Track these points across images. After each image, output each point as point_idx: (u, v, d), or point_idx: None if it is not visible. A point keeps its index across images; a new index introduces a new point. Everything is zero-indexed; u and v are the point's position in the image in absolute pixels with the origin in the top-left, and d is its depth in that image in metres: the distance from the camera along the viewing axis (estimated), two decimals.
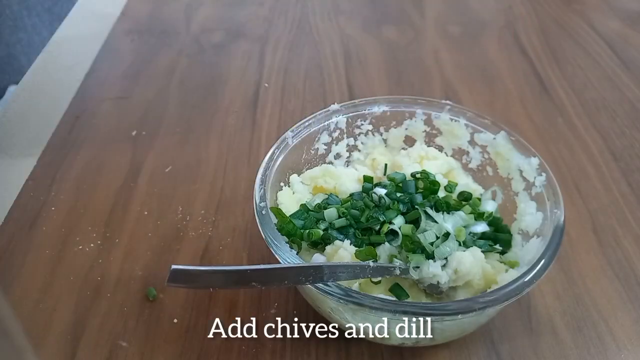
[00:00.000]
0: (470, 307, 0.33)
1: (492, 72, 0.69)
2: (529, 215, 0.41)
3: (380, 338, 0.38)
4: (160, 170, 0.54)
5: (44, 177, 0.53)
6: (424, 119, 0.48)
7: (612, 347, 0.40)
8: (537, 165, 0.42)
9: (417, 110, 0.48)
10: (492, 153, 0.46)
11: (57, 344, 0.39)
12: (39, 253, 0.46)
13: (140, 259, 0.45)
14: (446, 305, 0.33)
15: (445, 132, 0.48)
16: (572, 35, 0.76)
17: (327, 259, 0.38)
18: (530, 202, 0.42)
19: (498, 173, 0.45)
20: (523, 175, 0.43)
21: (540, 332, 0.41)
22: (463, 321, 0.36)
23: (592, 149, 0.57)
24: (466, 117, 0.46)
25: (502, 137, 0.44)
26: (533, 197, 0.42)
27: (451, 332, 0.38)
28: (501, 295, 0.33)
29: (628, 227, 0.49)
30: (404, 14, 0.81)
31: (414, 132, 0.48)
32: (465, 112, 0.46)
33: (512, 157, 0.44)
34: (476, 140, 0.46)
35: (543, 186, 0.41)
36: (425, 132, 0.48)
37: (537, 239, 0.39)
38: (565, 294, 0.43)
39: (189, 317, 0.41)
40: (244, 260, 0.45)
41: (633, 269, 0.45)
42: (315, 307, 0.40)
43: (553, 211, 0.39)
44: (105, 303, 0.42)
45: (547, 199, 0.40)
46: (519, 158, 0.43)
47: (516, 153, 0.43)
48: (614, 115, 0.62)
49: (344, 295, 0.33)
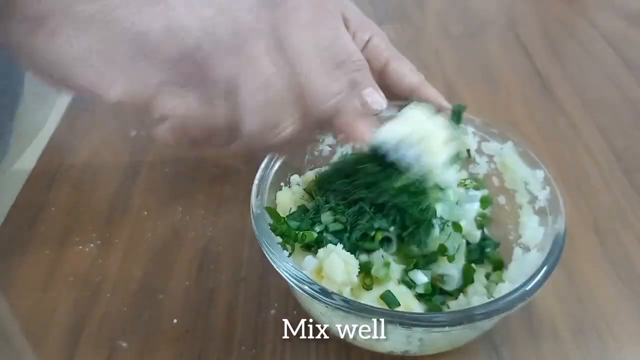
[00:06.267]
0: (459, 319, 0.32)
1: (493, 71, 0.68)
2: (531, 229, 0.40)
3: (368, 345, 0.37)
4: (160, 170, 0.54)
5: (44, 177, 0.53)
6: None
7: (613, 347, 0.40)
8: (542, 178, 0.41)
9: None
10: (499, 163, 0.44)
11: (56, 344, 0.39)
12: (38, 253, 0.46)
13: (140, 259, 0.45)
14: (435, 316, 0.33)
15: (452, 139, 0.46)
16: (574, 34, 0.76)
17: (318, 262, 0.37)
18: (533, 215, 0.41)
19: (504, 184, 0.44)
20: (527, 188, 0.42)
21: (540, 331, 0.41)
22: (452, 334, 0.36)
23: (594, 149, 0.57)
24: (474, 125, 0.45)
25: (509, 148, 0.43)
26: (536, 211, 0.41)
27: (441, 344, 0.37)
28: (490, 310, 0.33)
29: (629, 227, 0.48)
30: (405, 13, 0.81)
31: None
32: (474, 119, 0.45)
33: (518, 169, 0.42)
34: (483, 149, 0.45)
35: (547, 200, 0.40)
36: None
37: (536, 252, 0.38)
38: (566, 294, 0.43)
39: (189, 317, 0.41)
40: (244, 261, 0.45)
41: (634, 269, 0.45)
42: (306, 309, 0.39)
43: (553, 226, 0.37)
44: (105, 303, 0.42)
45: (550, 213, 0.39)
46: (525, 170, 0.42)
47: (522, 165, 0.42)
48: (616, 114, 0.61)
49: (331, 300, 0.33)
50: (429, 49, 0.73)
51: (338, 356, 0.39)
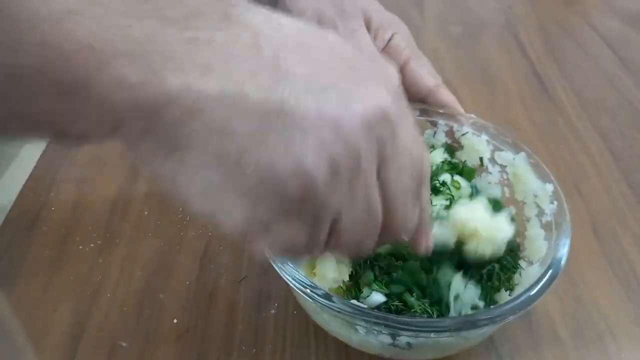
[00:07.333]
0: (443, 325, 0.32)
1: (492, 72, 0.69)
2: (536, 243, 0.39)
3: (359, 345, 0.37)
4: None
5: (44, 177, 0.53)
6: (445, 130, 0.45)
7: (612, 347, 0.40)
8: (551, 192, 0.40)
9: (440, 121, 0.45)
10: (511, 174, 0.43)
11: (57, 344, 0.39)
12: (39, 253, 0.46)
13: (140, 259, 0.45)
14: (417, 321, 0.33)
15: (466, 146, 0.45)
16: (572, 35, 0.76)
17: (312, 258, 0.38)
18: (539, 229, 0.40)
19: (514, 195, 0.43)
20: (536, 200, 0.41)
21: (540, 332, 0.41)
22: (439, 340, 0.35)
23: (592, 149, 0.57)
24: (488, 133, 0.44)
25: (522, 158, 0.42)
26: (543, 225, 0.40)
27: (427, 350, 0.37)
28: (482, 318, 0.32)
29: (628, 227, 0.49)
30: (404, 14, 0.80)
31: (434, 142, 0.46)
32: (488, 127, 0.44)
33: (529, 181, 0.41)
34: (497, 159, 0.44)
35: (553, 215, 0.39)
36: (446, 144, 0.46)
37: (538, 267, 0.37)
38: (566, 294, 0.43)
39: (189, 317, 0.41)
40: (245, 261, 0.45)
41: (633, 269, 0.45)
42: (301, 303, 0.40)
43: (556, 242, 0.37)
44: (105, 303, 0.42)
45: (555, 228, 0.38)
46: (536, 183, 0.41)
47: (534, 177, 0.41)
48: (614, 115, 0.62)
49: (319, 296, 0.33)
50: (428, 49, 0.72)
51: (338, 356, 0.39)
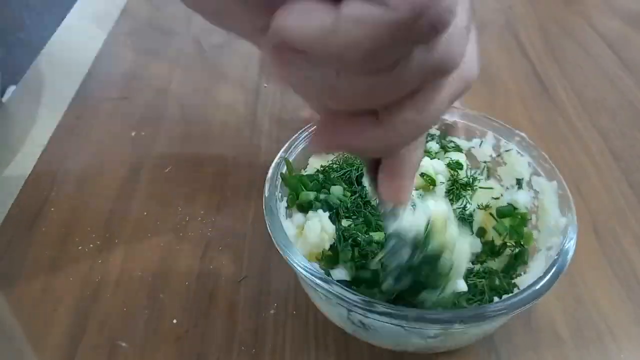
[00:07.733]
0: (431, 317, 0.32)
1: (492, 72, 0.68)
2: (534, 273, 0.38)
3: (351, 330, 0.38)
4: (160, 170, 0.54)
5: (44, 177, 0.53)
6: (493, 144, 0.45)
7: (612, 347, 0.40)
8: (563, 225, 0.38)
9: (489, 132, 0.45)
10: (540, 202, 0.42)
11: (57, 344, 0.39)
12: (39, 253, 0.46)
13: (140, 259, 0.45)
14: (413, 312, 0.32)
15: (508, 163, 0.45)
16: (572, 35, 0.76)
17: (303, 222, 0.40)
18: (542, 263, 0.38)
19: (537, 223, 0.42)
20: (548, 233, 0.40)
21: (540, 331, 0.41)
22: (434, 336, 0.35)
23: (592, 149, 0.57)
24: (532, 156, 0.43)
25: (552, 188, 0.41)
26: (546, 258, 0.38)
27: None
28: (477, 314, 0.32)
29: (628, 227, 0.49)
30: None
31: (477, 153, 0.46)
32: (532, 149, 0.43)
33: (552, 213, 0.40)
34: (533, 183, 0.43)
35: (559, 251, 0.37)
36: (491, 157, 0.46)
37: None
38: (566, 294, 0.43)
39: (188, 317, 0.41)
40: (244, 261, 0.45)
41: (633, 269, 0.45)
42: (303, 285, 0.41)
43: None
44: (105, 303, 0.42)
45: (557, 264, 0.36)
46: (556, 215, 0.40)
47: (556, 209, 0.40)
48: (614, 115, 0.62)
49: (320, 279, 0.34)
50: None
51: (338, 356, 0.39)
